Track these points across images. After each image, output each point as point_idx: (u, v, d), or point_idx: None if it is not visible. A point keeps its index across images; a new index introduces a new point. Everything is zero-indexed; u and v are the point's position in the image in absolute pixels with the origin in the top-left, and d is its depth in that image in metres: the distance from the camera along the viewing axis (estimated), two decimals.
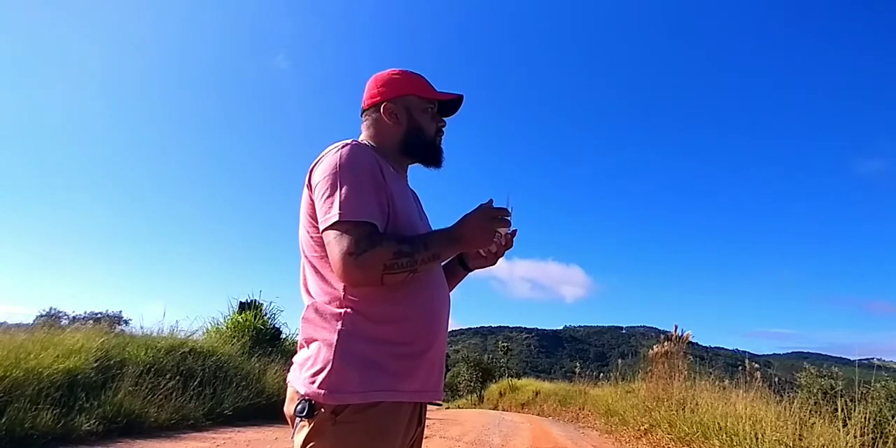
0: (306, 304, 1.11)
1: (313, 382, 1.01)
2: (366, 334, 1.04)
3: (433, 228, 1.23)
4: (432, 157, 1.26)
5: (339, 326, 1.04)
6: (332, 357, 1.01)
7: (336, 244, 1.00)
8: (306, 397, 1.01)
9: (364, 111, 1.26)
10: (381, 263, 0.99)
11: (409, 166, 1.28)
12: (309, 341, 1.08)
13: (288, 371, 1.14)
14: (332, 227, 1.02)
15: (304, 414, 1.00)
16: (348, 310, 1.05)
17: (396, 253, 1.00)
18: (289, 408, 1.07)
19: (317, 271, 1.11)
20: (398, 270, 1.01)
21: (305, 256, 1.14)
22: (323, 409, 1.00)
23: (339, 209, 1.02)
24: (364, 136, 1.25)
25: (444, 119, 1.28)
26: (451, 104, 1.28)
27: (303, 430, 1.01)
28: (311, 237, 1.11)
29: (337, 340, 1.02)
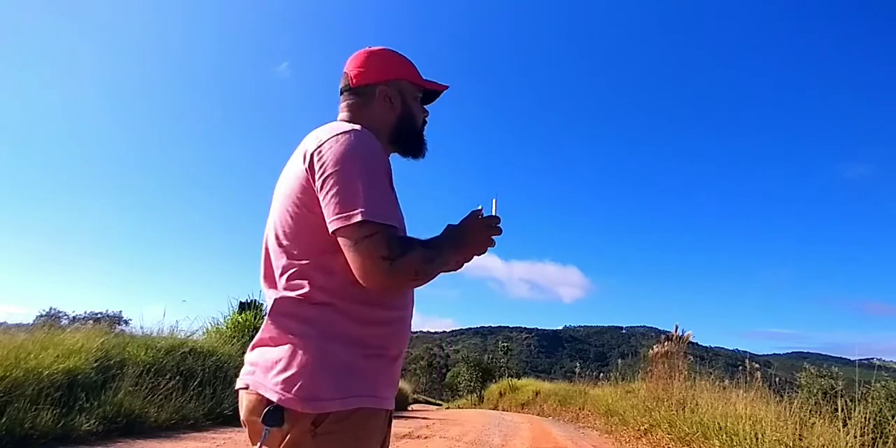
0: (274, 298, 1.00)
1: (288, 389, 0.90)
2: (345, 336, 0.95)
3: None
4: (418, 148, 1.19)
5: (318, 326, 0.95)
6: (309, 360, 0.92)
7: (366, 247, 0.90)
8: (277, 404, 0.90)
9: (351, 89, 1.14)
10: (414, 269, 0.93)
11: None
12: (278, 341, 0.96)
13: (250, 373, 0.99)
14: (356, 226, 0.91)
15: (276, 423, 0.89)
16: (330, 309, 0.96)
17: (424, 259, 0.94)
18: (249, 415, 0.95)
19: (300, 265, 0.99)
20: (423, 277, 0.95)
21: (282, 246, 1.01)
22: (300, 419, 0.90)
23: (365, 207, 0.91)
24: (346, 118, 1.13)
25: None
26: (430, 94, 1.22)
27: (273, 441, 0.91)
28: (288, 229, 1.01)
29: (316, 342, 0.93)
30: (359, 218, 0.90)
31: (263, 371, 0.94)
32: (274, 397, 0.90)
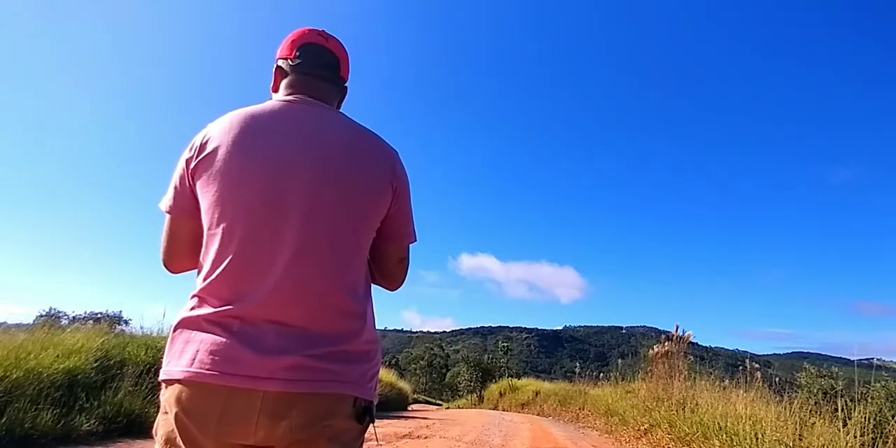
0: (346, 298, 0.95)
1: (373, 386, 0.97)
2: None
3: None
4: None
5: (371, 326, 1.00)
6: (378, 358, 1.01)
7: (408, 261, 1.13)
8: (369, 401, 0.95)
9: (341, 81, 1.13)
10: None
11: None
12: (354, 345, 0.95)
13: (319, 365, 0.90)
14: (409, 245, 1.12)
15: (373, 419, 0.96)
16: (370, 310, 1.03)
17: None
18: (319, 417, 0.89)
19: (364, 269, 1.02)
20: None
21: (356, 248, 0.99)
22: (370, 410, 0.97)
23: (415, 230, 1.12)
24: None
25: None
26: None
27: (350, 434, 0.94)
28: (361, 235, 1.00)
29: (378, 341, 1.01)
30: (414, 241, 1.12)
31: (351, 372, 0.93)
32: (369, 396, 0.95)
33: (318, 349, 0.89)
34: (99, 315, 12.22)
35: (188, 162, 0.97)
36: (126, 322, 10.91)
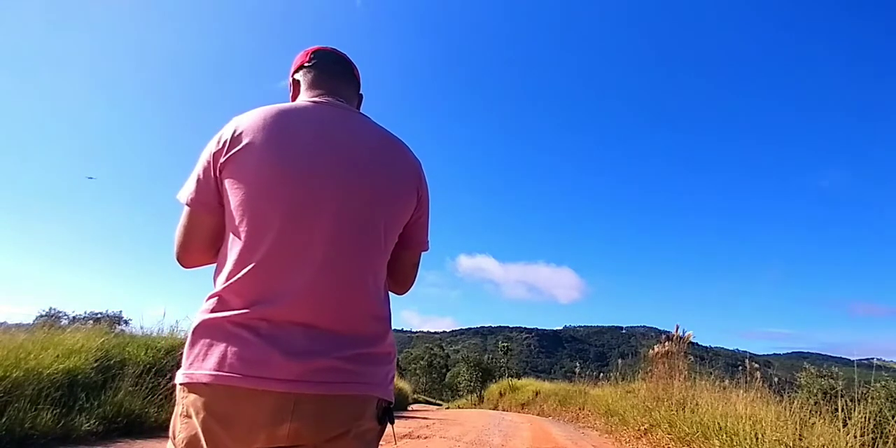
0: (377, 303, 0.98)
1: (392, 387, 0.99)
2: None
3: None
4: None
5: (391, 332, 1.02)
6: (395, 360, 1.02)
7: (418, 267, 1.16)
8: (389, 402, 0.97)
9: (358, 84, 1.19)
10: None
11: None
12: (378, 346, 0.96)
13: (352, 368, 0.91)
14: (421, 253, 1.15)
15: (390, 419, 0.98)
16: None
17: None
18: (348, 419, 0.90)
19: (385, 273, 1.03)
20: None
21: (382, 253, 1.00)
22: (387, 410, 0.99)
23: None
24: None
25: None
26: None
27: (369, 435, 0.94)
28: (388, 239, 1.01)
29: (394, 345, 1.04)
30: (427, 249, 1.14)
31: (378, 374, 0.94)
32: (384, 395, 0.95)
33: (347, 351, 0.90)
34: (99, 315, 12.19)
35: (216, 155, 0.94)
36: (126, 322, 10.90)
